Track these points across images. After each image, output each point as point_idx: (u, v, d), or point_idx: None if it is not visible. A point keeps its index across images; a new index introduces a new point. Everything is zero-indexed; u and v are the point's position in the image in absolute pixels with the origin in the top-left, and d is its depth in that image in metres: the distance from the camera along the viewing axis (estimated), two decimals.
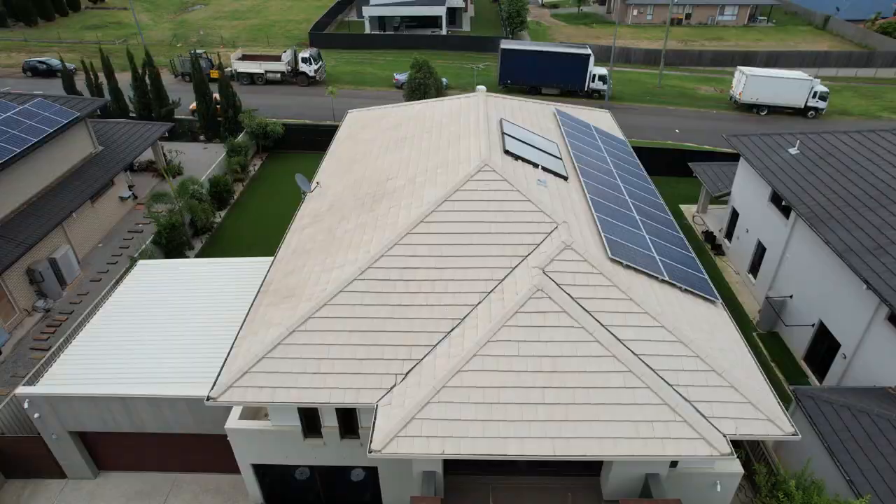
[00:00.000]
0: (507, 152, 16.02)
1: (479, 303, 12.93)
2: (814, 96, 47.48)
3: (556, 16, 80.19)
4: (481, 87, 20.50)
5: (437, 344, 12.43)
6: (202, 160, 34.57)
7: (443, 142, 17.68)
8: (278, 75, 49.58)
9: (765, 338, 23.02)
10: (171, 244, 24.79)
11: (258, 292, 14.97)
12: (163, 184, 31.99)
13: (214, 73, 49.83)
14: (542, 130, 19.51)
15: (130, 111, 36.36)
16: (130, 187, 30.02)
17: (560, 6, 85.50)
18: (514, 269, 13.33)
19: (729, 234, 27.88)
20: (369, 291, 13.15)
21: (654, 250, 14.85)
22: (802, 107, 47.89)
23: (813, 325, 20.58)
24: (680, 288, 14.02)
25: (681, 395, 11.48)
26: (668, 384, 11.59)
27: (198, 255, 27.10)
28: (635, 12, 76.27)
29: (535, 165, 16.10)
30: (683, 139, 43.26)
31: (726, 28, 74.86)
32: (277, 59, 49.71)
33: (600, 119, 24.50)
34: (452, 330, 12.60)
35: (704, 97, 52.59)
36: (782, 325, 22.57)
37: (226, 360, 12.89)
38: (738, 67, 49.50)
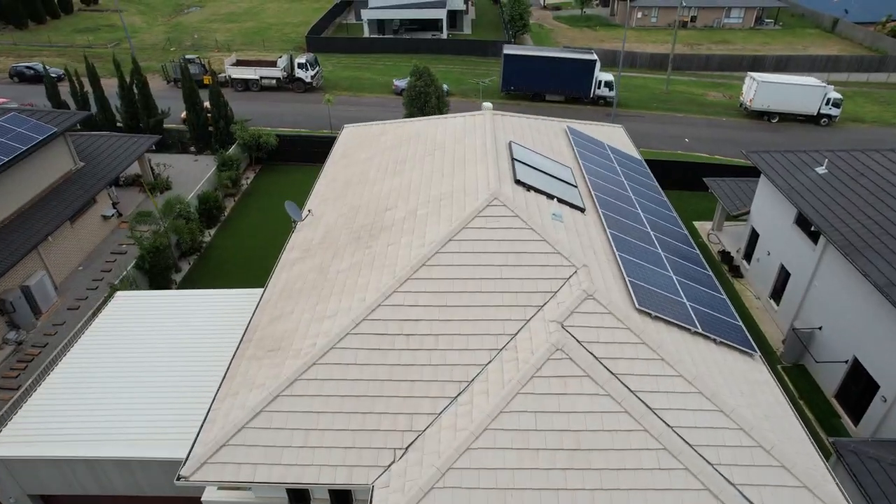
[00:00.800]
0: (518, 182, 14.44)
1: (490, 362, 11.36)
2: (827, 103, 45.95)
3: (559, 18, 78.63)
4: (487, 105, 18.92)
5: (441, 412, 10.86)
6: (192, 173, 32.98)
7: (447, 167, 16.10)
8: (274, 81, 48.00)
9: (790, 371, 21.47)
10: (155, 269, 23.22)
11: (241, 340, 13.41)
12: (149, 200, 30.39)
13: (207, 79, 48.38)
14: (554, 153, 17.93)
15: (118, 121, 34.74)
16: (114, 205, 28.41)
17: (562, 8, 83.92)
18: (528, 321, 11.76)
19: (748, 256, 26.33)
20: (364, 348, 11.58)
21: (682, 294, 13.28)
22: (815, 114, 46.35)
23: (846, 362, 19.03)
24: (714, 340, 12.45)
25: (724, 477, 9.91)
26: (709, 463, 10.03)
27: (185, 278, 25.56)
28: (639, 15, 74.68)
29: (550, 197, 14.53)
30: (693, 148, 41.73)
31: (732, 31, 73.30)
32: (273, 64, 48.13)
33: (613, 135, 22.93)
34: (459, 395, 11.03)
35: (713, 103, 51.06)
36: (809, 358, 21.02)
37: (202, 425, 11.33)
38: (749, 73, 48.00)
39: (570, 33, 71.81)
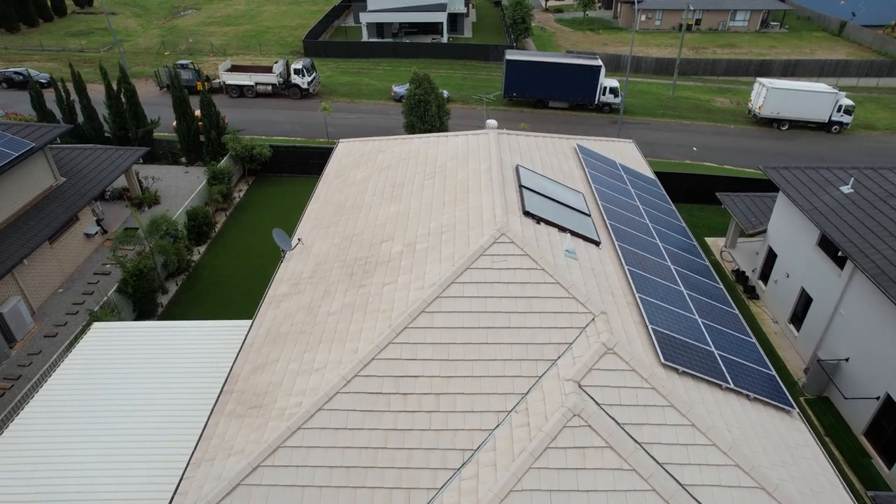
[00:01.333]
0: (526, 213, 13.13)
1: (498, 426, 10.05)
2: (838, 110, 44.66)
3: (561, 21, 77.32)
4: (492, 122, 17.62)
5: (443, 486, 9.55)
6: (182, 186, 31.66)
7: (448, 194, 14.78)
8: (269, 88, 46.68)
9: (814, 404, 20.15)
10: (139, 292, 21.91)
11: (221, 390, 12.10)
12: (138, 215, 29.05)
13: (201, 86, 47.10)
14: (564, 176, 16.62)
15: (106, 131, 33.42)
16: (99, 221, 27.12)
17: (564, 11, 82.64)
18: (540, 377, 10.45)
19: (764, 276, 25.02)
20: (356, 410, 10.26)
21: (709, 340, 11.96)
22: (826, 121, 45.06)
23: (878, 398, 17.71)
24: (748, 396, 11.13)
25: None
26: None
27: (172, 301, 24.26)
28: (643, 18, 73.37)
29: (562, 230, 13.22)
30: (702, 158, 40.44)
31: (738, 34, 71.99)
32: (268, 70, 46.80)
33: (624, 151, 21.61)
34: (463, 466, 9.71)
35: (720, 110, 49.77)
36: (833, 389, 19.71)
37: (173, 496, 10.03)
38: (758, 79, 46.67)
39: (573, 37, 70.51)
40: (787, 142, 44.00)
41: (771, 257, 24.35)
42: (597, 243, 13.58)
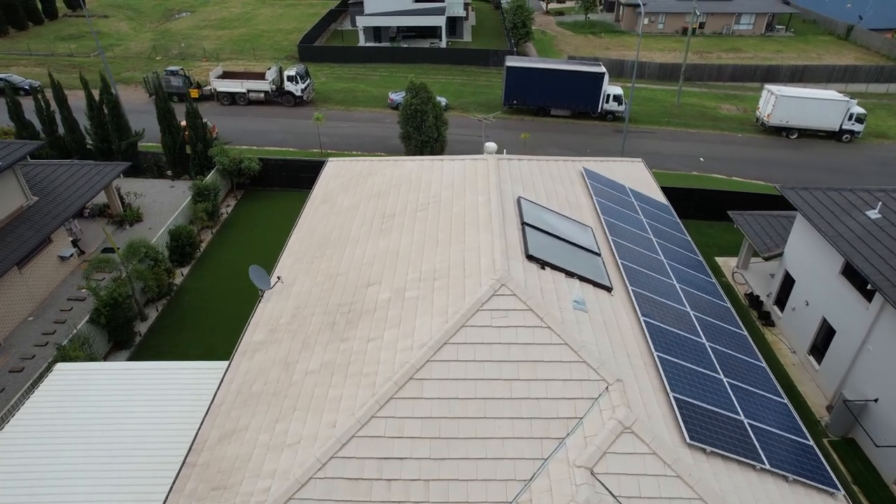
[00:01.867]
0: (530, 257, 11.67)
1: None
2: (850, 118, 43.20)
3: (562, 24, 75.85)
4: (491, 146, 16.16)
5: None
6: (167, 202, 30.19)
7: (442, 230, 13.33)
8: (262, 95, 45.21)
9: (839, 446, 18.69)
10: (114, 322, 20.46)
11: (184, 460, 10.64)
12: (119, 233, 27.62)
13: (193, 93, 45.70)
14: (570, 206, 15.16)
15: (88, 143, 31.97)
16: (75, 242, 25.66)
17: (566, 13, 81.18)
18: (546, 461, 8.99)
19: (780, 301, 23.56)
20: (332, 500, 8.81)
21: (739, 408, 10.51)
22: (837, 130, 43.61)
23: None
24: (786, 478, 9.67)
25: None
26: None
27: (152, 328, 22.80)
28: (646, 21, 71.77)
29: (570, 275, 11.77)
30: (709, 168, 38.99)
31: (743, 38, 70.53)
32: (261, 76, 45.35)
33: (633, 173, 20.15)
34: None
35: (727, 118, 48.28)
36: (859, 430, 18.25)
37: None
38: (766, 86, 45.22)
39: (575, 40, 69.06)
40: (797, 151, 42.55)
41: (788, 282, 22.90)
42: (608, 289, 12.12)
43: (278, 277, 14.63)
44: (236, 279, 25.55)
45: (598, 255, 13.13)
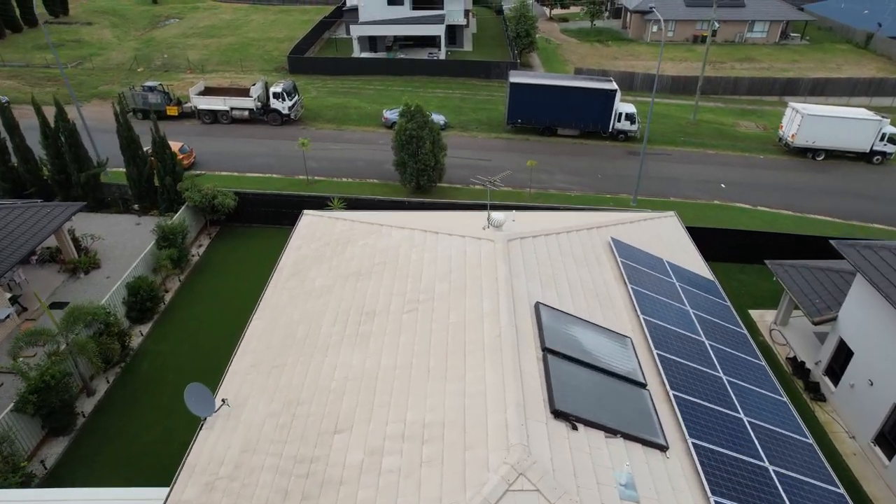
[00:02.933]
0: (557, 413, 8.35)
1: None
2: (881, 139, 39.91)
3: (567, 31, 72.56)
4: (498, 217, 12.83)
5: None
6: (130, 244, 26.87)
7: (435, 351, 10.01)
8: (246, 113, 41.86)
9: None
10: (46, 407, 17.16)
11: None
12: (71, 284, 24.33)
13: (172, 110, 42.44)
14: (601, 301, 11.83)
15: (45, 175, 28.67)
16: (14, 298, 22.36)
17: (570, 20, 77.91)
18: None
19: (832, 372, 20.25)
20: None
21: None
22: (868, 151, 40.32)
23: None
24: None
25: None
26: None
27: (99, 405, 19.52)
28: (654, 28, 68.64)
29: (612, 432, 8.49)
30: (731, 196, 35.70)
31: (756, 46, 67.25)
32: (245, 93, 42.01)
33: (665, 231, 16.87)
34: None
35: (746, 136, 44.97)
36: None
37: None
38: (790, 104, 41.87)
39: (580, 49, 65.78)
40: (825, 175, 39.25)
41: (844, 353, 19.59)
42: (663, 448, 8.80)
43: (223, 401, 11.28)
44: (202, 340, 22.32)
45: (644, 385, 9.81)
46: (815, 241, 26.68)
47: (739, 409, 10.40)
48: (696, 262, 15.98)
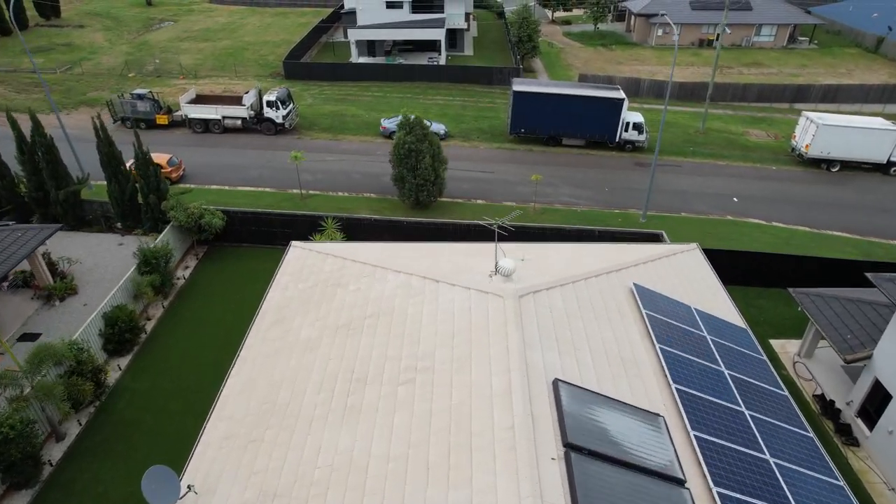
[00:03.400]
0: None
1: None
2: None
3: (570, 34, 70.97)
4: (507, 265, 11.23)
5: None
6: (111, 266, 25.28)
7: (436, 440, 8.44)
8: (238, 122, 40.26)
9: None
10: (3, 461, 15.58)
11: None
12: (45, 312, 22.75)
13: (162, 119, 40.88)
14: (626, 368, 10.26)
15: (22, 192, 27.09)
16: None
17: (573, 22, 76.32)
18: None
19: (866, 414, 18.68)
20: None
21: None
22: (885, 162, 38.76)
23: None
24: None
25: None
26: None
27: (68, 452, 17.96)
28: (659, 32, 67.14)
29: None
30: (744, 210, 34.13)
31: (764, 51, 65.68)
32: (238, 101, 40.41)
33: (687, 268, 15.30)
34: None
35: (757, 146, 43.40)
36: None
37: None
38: (804, 113, 40.27)
39: (584, 53, 64.17)
40: (841, 187, 37.69)
41: (879, 392, 18.03)
42: None
43: (189, 487, 9.69)
44: (185, 375, 20.77)
45: (683, 483, 8.23)
46: (839, 264, 25.16)
47: (790, 498, 8.83)
48: (723, 305, 14.41)
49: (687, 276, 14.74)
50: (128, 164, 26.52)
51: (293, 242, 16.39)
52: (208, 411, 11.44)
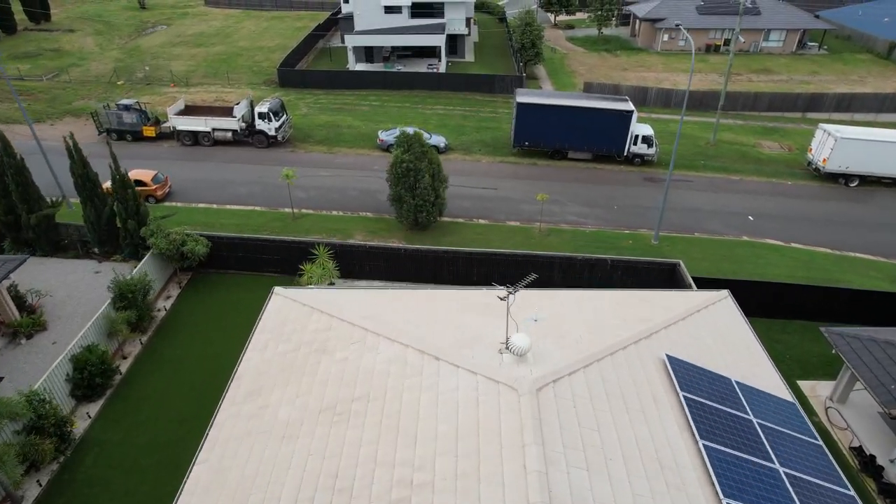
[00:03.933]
0: None
1: None
2: None
3: (573, 39, 69.18)
4: (520, 343, 9.43)
5: None
6: (85, 297, 23.45)
7: None
8: (229, 134, 38.43)
9: None
10: None
11: None
12: (9, 351, 20.91)
13: (150, 131, 39.07)
14: (667, 477, 8.43)
15: None
16: None
17: (576, 27, 74.49)
18: None
19: None
20: None
21: None
22: None
23: None
24: None
25: None
26: None
27: None
28: (665, 38, 65.32)
29: None
30: (760, 230, 32.33)
31: (772, 56, 63.92)
32: (229, 112, 38.57)
33: (720, 321, 13.50)
34: None
35: (770, 158, 41.59)
36: None
37: None
38: (820, 125, 38.48)
39: (588, 59, 62.37)
40: (862, 205, 35.88)
41: None
42: None
43: None
44: (161, 425, 18.94)
45: None
46: (870, 297, 23.37)
47: None
48: (764, 369, 12.62)
49: (721, 335, 12.94)
50: (105, 186, 24.74)
51: (276, 289, 14.61)
52: (186, 468, 9.74)
